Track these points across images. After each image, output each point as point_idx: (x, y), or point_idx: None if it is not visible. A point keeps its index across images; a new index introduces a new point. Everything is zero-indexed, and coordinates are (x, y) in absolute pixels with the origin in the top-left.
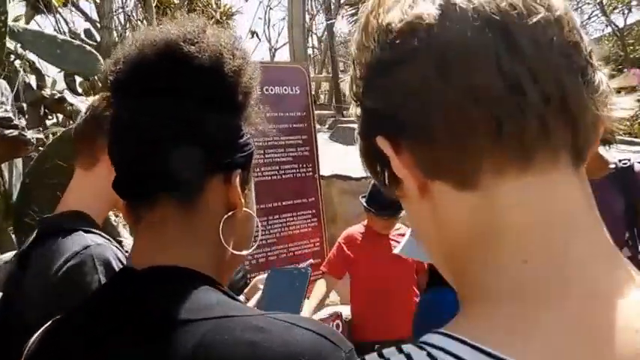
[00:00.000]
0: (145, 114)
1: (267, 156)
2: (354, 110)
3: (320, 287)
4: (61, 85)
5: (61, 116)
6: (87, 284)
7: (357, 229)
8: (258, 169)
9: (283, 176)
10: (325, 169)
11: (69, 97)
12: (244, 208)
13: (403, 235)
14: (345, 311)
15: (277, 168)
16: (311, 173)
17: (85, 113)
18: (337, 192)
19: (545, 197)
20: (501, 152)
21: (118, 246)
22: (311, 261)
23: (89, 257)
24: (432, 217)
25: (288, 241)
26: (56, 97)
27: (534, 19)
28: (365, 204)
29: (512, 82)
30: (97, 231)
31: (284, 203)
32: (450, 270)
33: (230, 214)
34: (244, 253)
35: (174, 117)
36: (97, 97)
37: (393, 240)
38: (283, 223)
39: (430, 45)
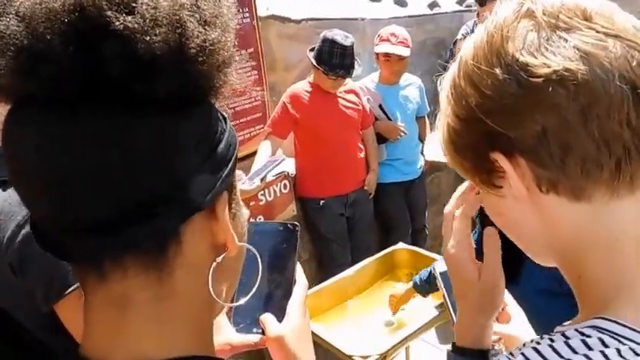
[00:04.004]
0: (70, 138)
1: None
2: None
3: (265, 148)
4: None
5: None
6: None
7: (302, 87)
8: None
9: None
10: (260, 9)
11: None
12: (238, 242)
13: (351, 91)
14: (289, 165)
15: None
16: (248, 20)
17: None
18: (275, 35)
19: None
20: (617, 180)
21: None
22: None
23: None
24: (540, 218)
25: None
26: None
27: None
28: (314, 62)
29: (636, 133)
30: None
31: None
32: (562, 263)
33: (220, 258)
34: (240, 302)
35: (122, 140)
36: None
37: (340, 97)
38: None
39: (577, 96)
